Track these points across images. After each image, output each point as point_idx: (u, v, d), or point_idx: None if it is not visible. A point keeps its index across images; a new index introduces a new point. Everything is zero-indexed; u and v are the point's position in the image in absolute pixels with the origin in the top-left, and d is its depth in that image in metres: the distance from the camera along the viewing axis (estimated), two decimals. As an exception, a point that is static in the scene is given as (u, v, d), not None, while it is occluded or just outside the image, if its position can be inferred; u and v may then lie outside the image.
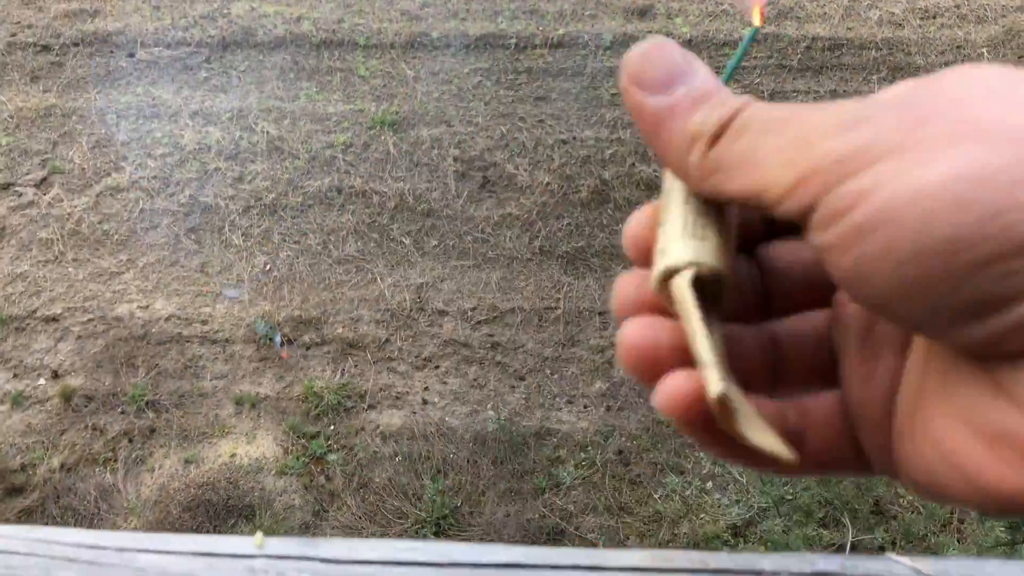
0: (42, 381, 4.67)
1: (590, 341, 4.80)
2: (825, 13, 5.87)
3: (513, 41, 5.80)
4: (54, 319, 4.85)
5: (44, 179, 5.30)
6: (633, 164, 5.31)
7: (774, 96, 5.56)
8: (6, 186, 5.28)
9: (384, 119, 5.47)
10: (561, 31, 5.82)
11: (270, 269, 5.01)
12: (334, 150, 5.37)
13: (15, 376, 4.68)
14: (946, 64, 5.62)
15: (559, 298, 4.94)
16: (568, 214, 5.19)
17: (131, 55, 5.76)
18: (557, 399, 4.61)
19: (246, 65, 5.72)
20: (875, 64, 5.66)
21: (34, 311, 4.87)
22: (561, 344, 4.80)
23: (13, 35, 5.81)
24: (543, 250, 5.09)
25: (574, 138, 5.44)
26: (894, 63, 5.66)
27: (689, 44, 5.75)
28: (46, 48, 5.77)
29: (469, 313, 4.90)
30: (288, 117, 5.50)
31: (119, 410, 4.57)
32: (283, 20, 5.86)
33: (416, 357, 4.78)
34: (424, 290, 4.97)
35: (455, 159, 5.37)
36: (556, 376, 4.69)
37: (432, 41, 5.80)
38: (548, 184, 5.26)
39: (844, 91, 5.57)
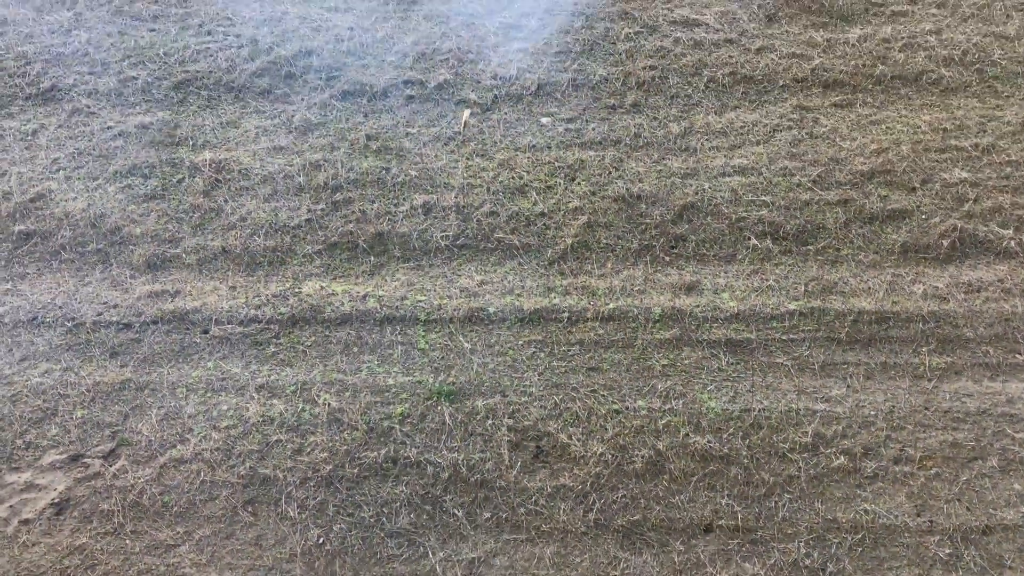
0: (86, 661, 4.57)
1: (649, 623, 4.59)
2: (869, 288, 6.05)
3: (566, 315, 6.04)
4: (105, 594, 4.83)
5: (112, 451, 5.48)
6: (687, 435, 5.32)
7: (825, 367, 5.63)
8: (75, 457, 5.46)
9: (441, 390, 5.63)
10: (612, 306, 6.06)
11: (323, 543, 4.99)
12: (391, 421, 5.50)
13: (60, 655, 4.60)
14: (996, 336, 5.69)
15: (615, 575, 4.79)
16: (623, 486, 5.15)
17: (205, 332, 6.12)
18: None
19: (312, 340, 6.02)
20: (923, 336, 5.74)
21: (87, 585, 4.87)
22: (618, 626, 4.60)
23: (99, 314, 6.24)
24: (598, 523, 5.01)
25: (627, 408, 5.51)
26: (943, 335, 5.73)
27: (737, 318, 5.93)
28: (127, 326, 6.17)
29: (522, 590, 4.76)
30: (349, 389, 5.70)
31: None
32: (350, 298, 6.23)
33: (467, 639, 4.60)
34: (476, 566, 4.87)
35: (509, 428, 5.44)
36: (614, 662, 4.46)
37: (489, 316, 6.07)
38: (602, 455, 5.27)
39: (895, 363, 5.62)
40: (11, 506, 5.24)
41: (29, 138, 7.59)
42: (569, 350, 5.88)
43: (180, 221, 6.83)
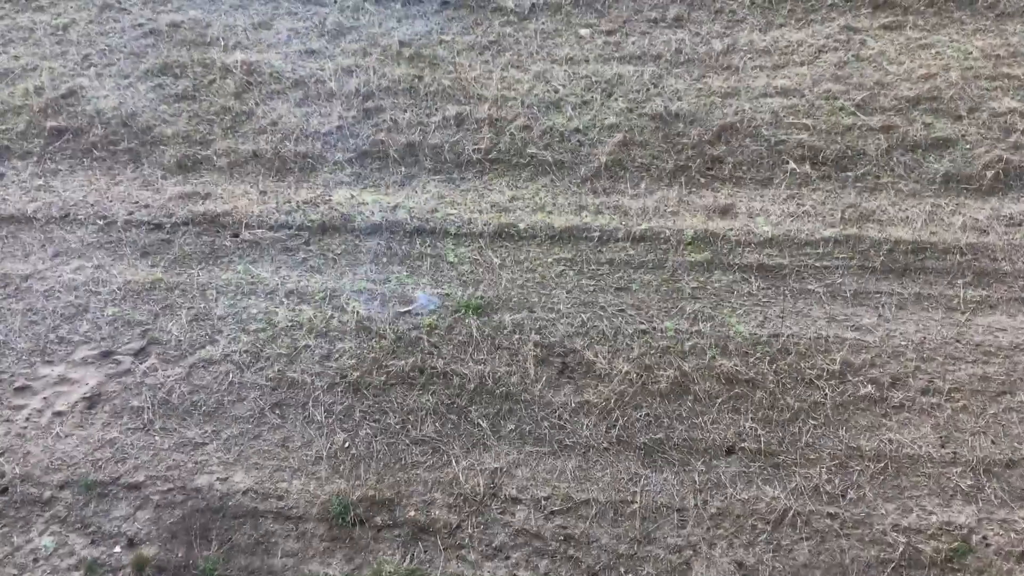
0: (117, 549, 4.70)
1: (667, 539, 4.65)
2: (907, 217, 5.93)
3: (596, 234, 5.98)
4: (136, 487, 4.94)
5: (142, 349, 5.55)
6: (713, 357, 5.31)
7: (857, 296, 5.57)
8: (107, 354, 5.54)
9: (469, 303, 5.63)
10: (643, 226, 5.99)
11: (349, 447, 5.06)
12: (419, 331, 5.52)
13: (92, 542, 4.73)
14: (1034, 271, 5.58)
15: (636, 491, 4.84)
16: (647, 404, 5.16)
17: (235, 235, 6.12)
18: (631, 600, 4.44)
19: (342, 248, 6.01)
20: (960, 268, 5.64)
21: (118, 478, 4.98)
22: (637, 541, 4.66)
23: (131, 213, 6.25)
24: (620, 440, 5.04)
25: (654, 328, 5.49)
26: (980, 268, 5.63)
27: (770, 243, 5.85)
28: (158, 226, 6.18)
29: (543, 502, 4.82)
30: (378, 298, 5.71)
31: (188, 584, 4.56)
32: (380, 208, 6.19)
33: (487, 546, 4.68)
34: (498, 475, 4.93)
35: (535, 344, 5.44)
36: (630, 575, 4.53)
37: (519, 232, 6.03)
38: (627, 373, 5.27)
39: (929, 294, 5.55)
40: (45, 398, 5.35)
41: (60, 33, 7.50)
42: (599, 269, 5.84)
43: (211, 123, 6.77)
